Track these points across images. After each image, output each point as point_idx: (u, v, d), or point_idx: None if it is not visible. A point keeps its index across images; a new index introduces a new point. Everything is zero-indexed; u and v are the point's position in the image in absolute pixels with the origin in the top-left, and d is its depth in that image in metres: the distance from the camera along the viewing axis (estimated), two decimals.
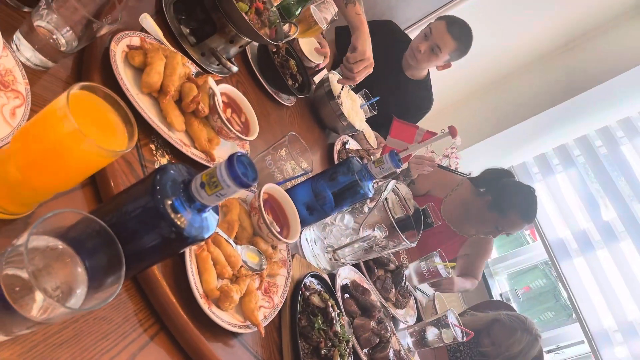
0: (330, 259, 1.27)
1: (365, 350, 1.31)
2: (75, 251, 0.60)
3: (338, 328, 1.07)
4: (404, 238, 1.20)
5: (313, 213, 1.22)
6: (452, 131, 1.16)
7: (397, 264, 1.72)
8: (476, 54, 2.39)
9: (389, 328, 1.37)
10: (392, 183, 1.26)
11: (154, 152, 0.93)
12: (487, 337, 2.35)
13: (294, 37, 1.73)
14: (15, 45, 0.78)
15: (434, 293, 2.00)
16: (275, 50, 1.52)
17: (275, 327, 1.02)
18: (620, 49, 3.54)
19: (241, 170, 0.60)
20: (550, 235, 3.58)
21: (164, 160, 0.94)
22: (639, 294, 3.18)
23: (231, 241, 0.95)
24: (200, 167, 1.02)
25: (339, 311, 1.13)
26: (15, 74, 0.74)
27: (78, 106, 0.59)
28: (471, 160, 3.71)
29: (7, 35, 0.78)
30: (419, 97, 2.61)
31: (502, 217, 2.32)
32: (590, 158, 3.73)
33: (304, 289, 1.09)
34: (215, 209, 0.67)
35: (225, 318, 0.85)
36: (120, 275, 0.57)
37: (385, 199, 1.44)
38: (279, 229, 1.03)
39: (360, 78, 1.70)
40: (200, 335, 0.81)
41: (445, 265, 1.93)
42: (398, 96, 2.51)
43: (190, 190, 0.61)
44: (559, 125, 3.80)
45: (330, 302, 1.11)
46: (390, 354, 1.34)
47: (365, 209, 1.33)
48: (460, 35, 2.30)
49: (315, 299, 1.09)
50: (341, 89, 1.75)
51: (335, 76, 1.77)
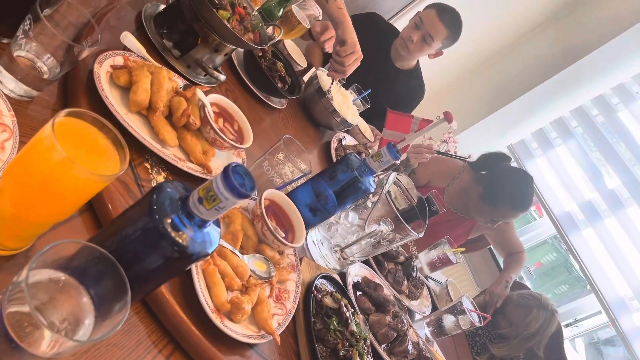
0: (338, 259, 1.26)
1: (384, 346, 1.30)
2: (78, 281, 0.58)
3: (354, 327, 1.06)
4: (411, 229, 1.19)
5: (316, 214, 1.21)
6: (448, 117, 1.15)
7: (407, 255, 1.71)
8: (464, 36, 2.37)
9: (405, 321, 1.36)
10: (393, 175, 1.25)
11: (150, 171, 0.92)
12: (504, 318, 2.34)
13: (278, 40, 1.73)
14: None
15: (446, 280, 1.99)
16: (261, 54, 1.50)
17: (290, 333, 1.01)
18: (607, 17, 3.52)
19: (238, 180, 0.59)
20: (556, 209, 3.57)
21: (160, 178, 0.92)
22: None
23: (237, 252, 0.94)
24: (198, 181, 1.01)
25: (353, 310, 1.12)
26: (0, 107, 0.72)
27: (65, 133, 0.58)
28: (470, 143, 3.69)
29: None
30: (410, 87, 2.59)
31: (495, 209, 2.30)
32: (588, 128, 3.71)
33: (315, 292, 1.08)
34: (217, 222, 0.66)
35: (239, 330, 0.84)
36: (126, 301, 0.56)
37: (388, 191, 1.43)
38: (283, 234, 1.01)
39: (351, 71, 1.69)
40: (215, 350, 0.80)
41: (454, 251, 1.92)
42: (389, 88, 2.50)
43: (188, 206, 0.59)
44: (554, 99, 3.79)
45: (344, 302, 1.10)
46: (409, 346, 1.33)
47: (369, 204, 1.32)
48: (451, 22, 2.28)
49: (327, 301, 1.08)
50: (331, 83, 1.74)
51: (323, 73, 1.76)
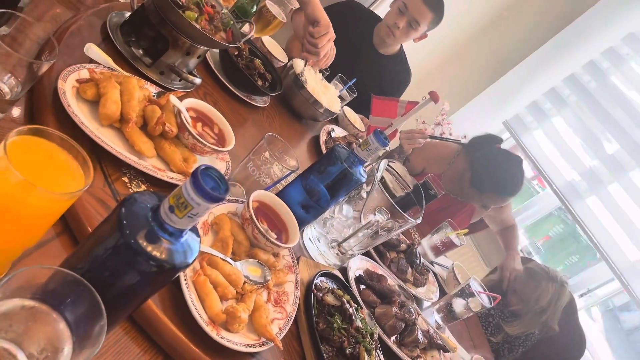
0: (337, 254, 1.22)
1: (394, 338, 1.27)
2: (52, 307, 0.55)
3: (359, 323, 1.02)
4: (407, 216, 1.15)
5: (309, 211, 1.18)
6: (434, 96, 1.11)
7: (408, 242, 1.67)
8: (447, 15, 2.33)
9: (412, 310, 1.32)
10: (384, 162, 1.21)
11: (129, 185, 0.88)
12: (514, 296, 2.30)
13: (252, 37, 1.69)
14: None
15: (452, 264, 1.95)
16: (237, 53, 1.46)
17: (293, 336, 0.98)
18: None
19: (209, 184, 0.55)
20: (558, 181, 3.53)
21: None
22: None
23: (228, 259, 0.90)
24: None
25: (356, 305, 1.09)
26: None
27: (21, 154, 0.54)
28: (465, 123, 3.65)
29: None
30: (396, 72, 2.55)
31: (481, 194, 2.26)
32: (581, 95, 3.66)
33: (315, 291, 1.05)
34: (195, 230, 0.62)
35: (237, 340, 0.81)
36: (102, 324, 0.52)
37: (382, 179, 1.39)
38: (275, 236, 0.98)
39: (325, 51, 1.66)
40: None
41: (457, 233, 1.88)
42: (375, 75, 2.46)
43: (160, 217, 0.56)
44: (544, 69, 3.74)
45: (346, 298, 1.06)
46: (419, 335, 1.29)
47: (364, 195, 1.28)
48: (435, 5, 2.23)
49: (329, 298, 1.04)
50: (304, 66, 1.69)
51: (298, 62, 1.71)
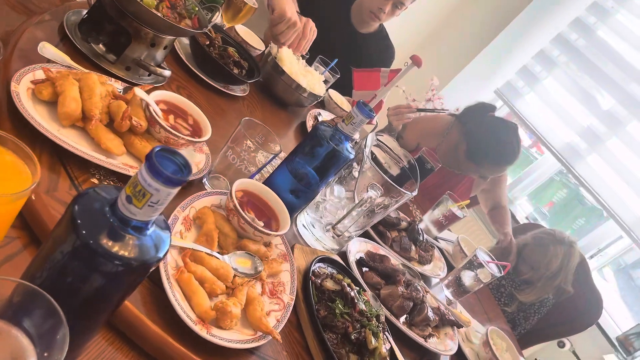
0: (333, 237, 1.17)
1: (403, 319, 1.22)
2: (11, 323, 0.50)
3: (362, 306, 0.97)
4: (401, 189, 1.10)
5: (300, 196, 1.12)
6: (416, 60, 1.05)
7: (409, 220, 1.61)
8: None
9: (419, 288, 1.27)
10: (371, 136, 1.15)
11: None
12: (524, 264, 2.25)
13: (225, 26, 1.63)
14: None
15: (457, 237, 1.90)
16: (208, 42, 1.40)
17: (294, 327, 0.92)
18: None
19: (169, 167, 0.50)
20: (556, 143, 3.47)
21: None
22: None
23: (215, 253, 0.85)
24: None
25: (358, 288, 1.03)
26: None
27: None
28: (456, 96, 3.59)
29: None
30: (380, 49, 2.48)
31: (478, 165, 2.20)
32: (570, 54, 3.60)
33: (313, 278, 0.99)
34: (163, 222, 0.56)
35: (231, 337, 0.75)
36: (64, 333, 0.47)
37: (374, 157, 1.34)
38: (262, 223, 0.92)
39: (289, 41, 1.61)
40: None
41: (459, 205, 1.83)
42: (359, 55, 2.39)
43: (119, 210, 0.50)
44: (530, 32, 3.67)
45: (346, 282, 1.01)
46: (429, 313, 1.24)
47: (355, 174, 1.22)
48: None
49: (328, 284, 0.99)
50: (277, 49, 1.64)
51: (275, 47, 1.65)
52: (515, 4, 3.67)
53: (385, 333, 1.02)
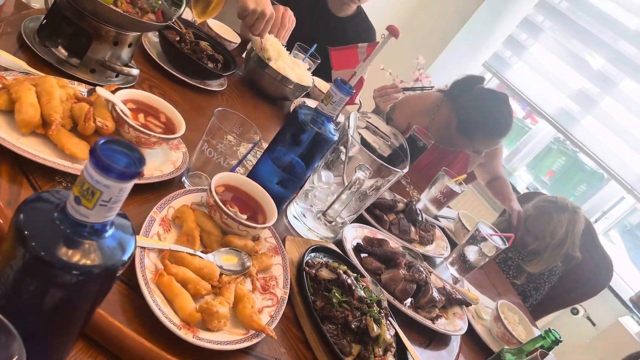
0: (325, 224, 1.12)
1: (408, 303, 1.17)
2: None
3: (361, 292, 0.92)
4: (391, 167, 1.05)
5: (287, 186, 1.07)
6: (393, 30, 0.99)
7: (406, 201, 1.57)
8: None
9: (422, 269, 1.22)
10: (354, 115, 1.10)
11: None
12: (529, 234, 2.20)
13: (196, 22, 1.58)
14: None
15: (458, 213, 1.85)
16: (179, 38, 1.35)
17: (291, 322, 0.88)
18: None
19: (120, 159, 0.45)
20: (550, 110, 3.41)
21: None
22: None
23: (197, 252, 0.80)
24: (131, 192, 0.86)
25: (355, 274, 0.98)
26: None
27: None
28: (444, 73, 3.53)
29: None
30: (359, 32, 2.42)
31: (471, 140, 2.14)
32: (555, 18, 3.53)
33: (307, 268, 0.95)
34: (123, 226, 0.52)
35: (220, 338, 0.71)
36: (20, 355, 0.42)
37: (364, 141, 1.29)
38: (245, 216, 0.87)
39: (264, 32, 1.57)
40: None
41: (456, 180, 1.78)
42: (339, 39, 2.32)
43: (69, 214, 0.45)
44: (512, 0, 3.61)
45: (342, 269, 0.96)
46: (435, 294, 1.20)
47: (343, 157, 1.17)
48: None
49: (323, 273, 0.94)
50: (260, 41, 1.60)
51: (256, 40, 1.60)
52: None
53: (389, 319, 0.98)
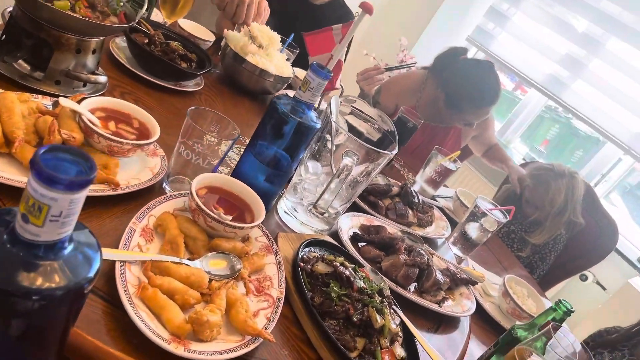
0: (317, 216, 1.08)
1: (412, 288, 1.13)
2: None
3: (360, 284, 0.88)
4: (379, 149, 1.01)
5: (273, 181, 1.03)
6: (366, 7, 0.95)
7: (400, 184, 1.52)
8: None
9: (422, 252, 1.18)
10: (335, 99, 1.06)
11: None
12: (528, 205, 2.16)
13: (167, 23, 1.53)
14: None
15: (455, 191, 1.81)
16: (147, 40, 1.30)
17: (290, 322, 0.84)
18: None
19: (66, 168, 0.40)
20: (539, 78, 3.37)
21: None
22: None
23: (184, 260, 0.76)
24: (109, 204, 0.82)
25: (353, 265, 0.94)
26: None
27: None
28: (428, 52, 3.47)
29: None
30: (338, 18, 2.37)
31: (461, 112, 2.09)
32: None
33: (302, 264, 0.91)
34: (85, 234, 0.47)
35: (214, 348, 0.67)
36: None
37: (353, 128, 1.25)
38: (230, 217, 0.83)
39: (249, 18, 1.53)
40: None
41: (449, 158, 1.74)
42: (318, 27, 2.28)
43: (18, 234, 0.41)
44: None
45: (338, 261, 0.92)
46: (439, 276, 1.16)
47: (329, 145, 1.13)
48: None
49: (319, 267, 0.90)
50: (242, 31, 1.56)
51: (231, 35, 1.55)
52: None
53: (393, 307, 0.94)
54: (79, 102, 0.86)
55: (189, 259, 0.77)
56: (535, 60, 3.41)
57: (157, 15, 1.63)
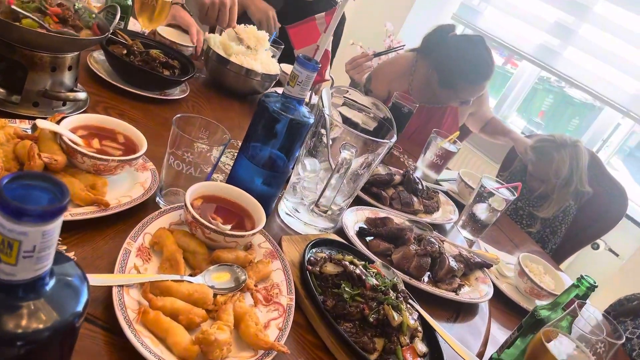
0: (320, 215, 1.03)
1: (426, 278, 1.09)
2: None
3: (372, 281, 0.84)
4: (377, 138, 0.96)
5: (271, 182, 0.99)
6: None
7: (402, 172, 1.48)
8: None
9: (433, 240, 1.14)
10: (326, 92, 1.01)
11: None
12: (533, 179, 2.12)
13: (145, 32, 1.49)
14: None
15: (459, 173, 1.77)
16: (126, 51, 1.25)
17: (304, 329, 0.80)
18: None
19: (36, 197, 0.36)
20: (530, 49, 3.31)
21: None
22: (637, 41, 2.92)
23: (185, 277, 0.72)
24: (100, 225, 0.78)
25: (363, 262, 0.90)
26: None
27: None
28: (415, 35, 3.42)
29: None
30: (323, 11, 2.32)
31: (456, 90, 2.04)
32: None
33: (310, 267, 0.86)
34: (67, 265, 0.43)
35: None
36: None
37: (348, 120, 1.20)
38: (229, 227, 0.79)
39: (230, 21, 1.48)
40: None
41: (449, 140, 1.70)
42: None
43: None
44: None
45: (347, 260, 0.88)
46: (452, 263, 1.12)
47: (325, 140, 1.09)
48: None
49: (328, 268, 0.86)
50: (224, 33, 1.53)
51: (212, 38, 1.50)
52: None
53: (409, 302, 0.90)
54: (59, 123, 0.82)
55: (190, 275, 0.73)
56: (524, 32, 3.35)
57: (135, 25, 1.58)
